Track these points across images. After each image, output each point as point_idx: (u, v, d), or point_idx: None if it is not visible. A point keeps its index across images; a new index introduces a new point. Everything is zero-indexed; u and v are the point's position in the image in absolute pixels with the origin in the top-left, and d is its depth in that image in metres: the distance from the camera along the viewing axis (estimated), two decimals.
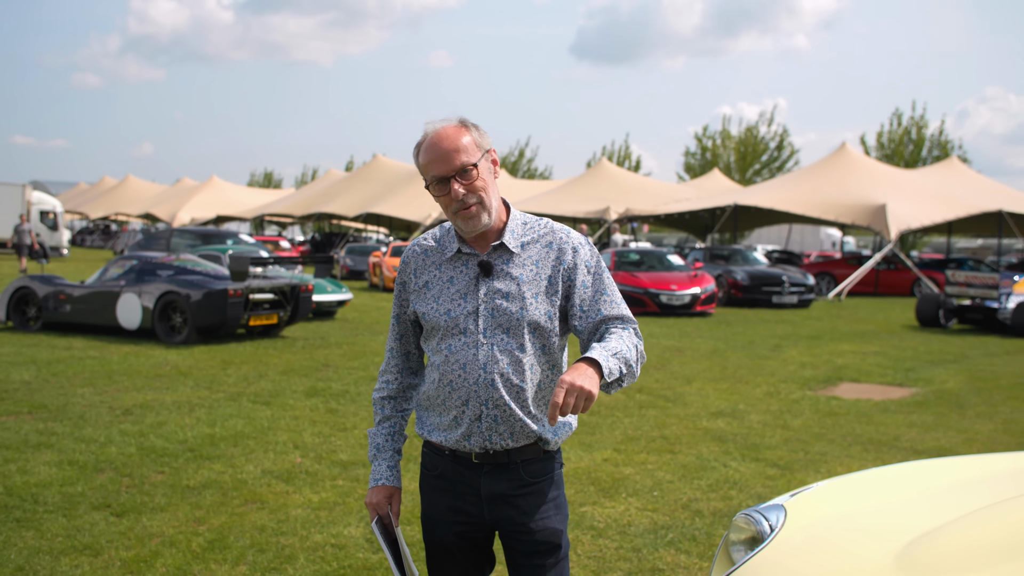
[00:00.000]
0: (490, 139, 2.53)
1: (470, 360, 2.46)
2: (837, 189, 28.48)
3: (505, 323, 2.46)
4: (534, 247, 2.54)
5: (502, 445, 2.49)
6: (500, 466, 2.52)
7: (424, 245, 2.61)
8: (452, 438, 2.51)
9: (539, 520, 2.54)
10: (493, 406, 2.46)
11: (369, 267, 27.48)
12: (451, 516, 2.57)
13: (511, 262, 2.51)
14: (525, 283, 2.49)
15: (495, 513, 2.54)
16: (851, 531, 2.64)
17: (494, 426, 2.47)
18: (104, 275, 13.83)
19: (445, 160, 2.42)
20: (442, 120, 2.49)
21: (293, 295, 13.62)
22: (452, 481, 2.56)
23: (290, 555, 4.69)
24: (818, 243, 56.60)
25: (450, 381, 2.48)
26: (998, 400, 9.58)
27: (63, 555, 4.63)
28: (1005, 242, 38.09)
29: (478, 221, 2.46)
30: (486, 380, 2.45)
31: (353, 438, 7.18)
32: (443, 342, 2.50)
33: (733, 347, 13.72)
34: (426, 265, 2.58)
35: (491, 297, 2.48)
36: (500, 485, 2.52)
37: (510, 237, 2.52)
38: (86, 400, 8.45)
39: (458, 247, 2.53)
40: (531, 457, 2.54)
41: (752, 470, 6.47)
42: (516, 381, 2.46)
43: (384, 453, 2.65)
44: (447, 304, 2.50)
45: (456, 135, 2.44)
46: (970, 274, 18.04)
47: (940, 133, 47.03)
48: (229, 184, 62.12)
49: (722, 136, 53.16)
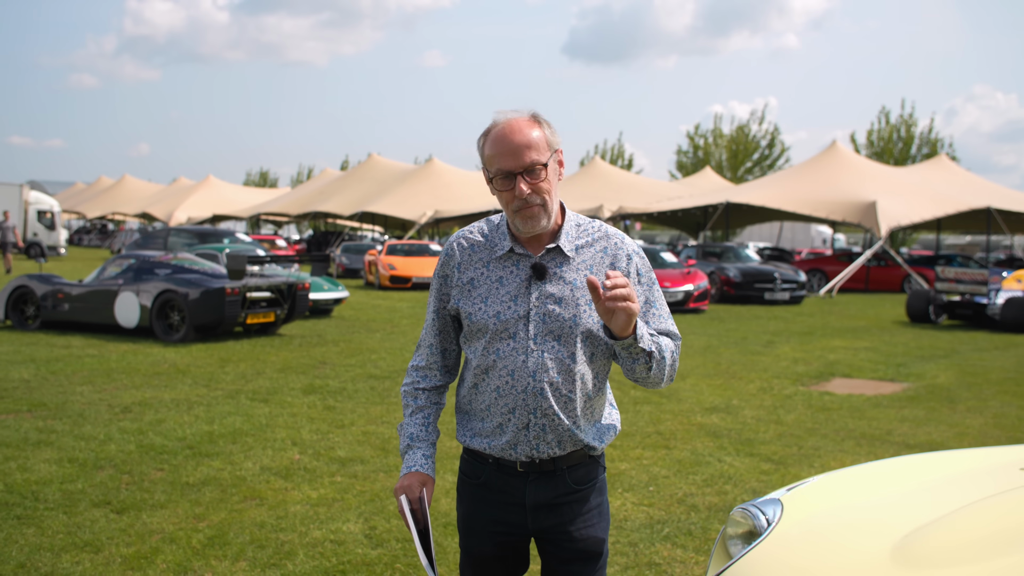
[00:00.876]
0: (560, 138, 2.41)
1: (519, 367, 2.34)
2: (828, 187, 28.59)
3: (557, 329, 2.35)
4: (588, 251, 2.42)
5: (549, 454, 2.39)
6: (546, 474, 2.42)
7: (471, 239, 2.47)
8: (496, 445, 2.40)
9: (582, 528, 2.45)
10: (541, 415, 2.34)
11: (365, 265, 27.48)
12: (492, 526, 2.47)
13: (565, 266, 2.39)
14: (579, 288, 2.37)
15: (539, 522, 2.44)
16: (847, 525, 2.67)
17: (541, 435, 2.36)
18: (102, 274, 13.84)
19: (515, 155, 2.29)
20: (514, 111, 2.36)
21: (290, 293, 13.64)
22: (496, 490, 2.45)
23: (289, 551, 4.73)
24: (809, 240, 56.71)
25: (496, 387, 2.36)
26: (988, 394, 9.66)
27: (64, 552, 4.66)
28: (993, 238, 38.28)
29: (537, 223, 2.34)
30: (535, 389, 2.33)
31: (351, 435, 7.22)
32: (490, 345, 2.37)
33: (726, 343, 13.78)
34: (472, 261, 2.44)
35: (543, 302, 2.35)
36: (546, 493, 2.42)
37: (565, 240, 2.40)
38: (85, 398, 8.48)
39: (511, 246, 2.40)
40: (577, 463, 2.44)
41: (746, 465, 6.53)
42: (565, 391, 2.35)
43: (419, 443, 2.49)
44: (496, 306, 2.37)
45: (528, 130, 2.32)
46: (959, 270, 18.13)
47: (929, 131, 47.19)
48: (225, 183, 62.00)
49: (714, 134, 53.22)
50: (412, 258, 25.94)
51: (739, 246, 27.84)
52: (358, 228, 50.10)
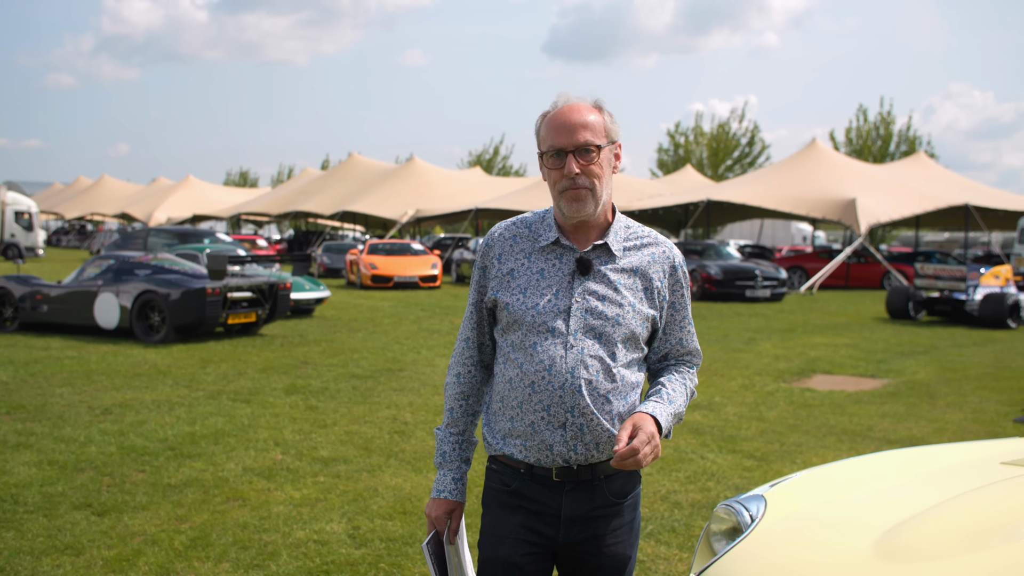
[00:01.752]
0: (620, 131, 2.36)
1: (557, 362, 2.26)
2: (808, 184, 28.75)
3: (599, 327, 2.28)
4: (636, 254, 2.37)
5: (586, 457, 2.29)
6: (583, 484, 2.32)
7: (513, 230, 2.40)
8: (530, 447, 2.30)
9: (612, 544, 2.37)
10: (579, 414, 2.26)
11: (346, 265, 27.42)
12: (523, 535, 2.34)
13: (611, 264, 2.33)
14: (624, 288, 2.32)
15: (571, 535, 2.35)
16: (830, 520, 2.68)
17: (579, 436, 2.27)
18: (81, 275, 13.74)
19: (569, 132, 2.25)
20: (576, 96, 2.32)
21: (271, 293, 13.59)
22: (529, 499, 2.34)
23: (273, 552, 4.71)
24: (789, 238, 56.93)
25: (532, 383, 2.27)
26: (967, 390, 9.74)
27: (44, 555, 4.62)
28: (971, 235, 38.61)
29: (583, 207, 2.27)
30: (572, 386, 2.25)
31: (333, 435, 7.20)
32: (527, 339, 2.29)
33: (708, 340, 13.83)
34: (513, 252, 2.37)
35: (586, 298, 2.29)
36: (583, 506, 2.33)
37: (614, 239, 2.34)
38: (65, 400, 8.41)
39: (556, 237, 2.33)
40: (615, 472, 2.35)
41: (729, 461, 6.56)
42: (604, 391, 2.27)
43: (451, 463, 2.42)
44: (536, 298, 2.30)
45: (587, 112, 2.28)
46: (938, 267, 18.29)
47: (907, 128, 47.57)
48: (205, 183, 61.76)
49: (694, 132, 53.35)
50: (394, 257, 25.90)
51: (720, 244, 27.96)
52: (339, 227, 50.00)
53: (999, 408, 8.75)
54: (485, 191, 40.38)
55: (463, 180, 44.29)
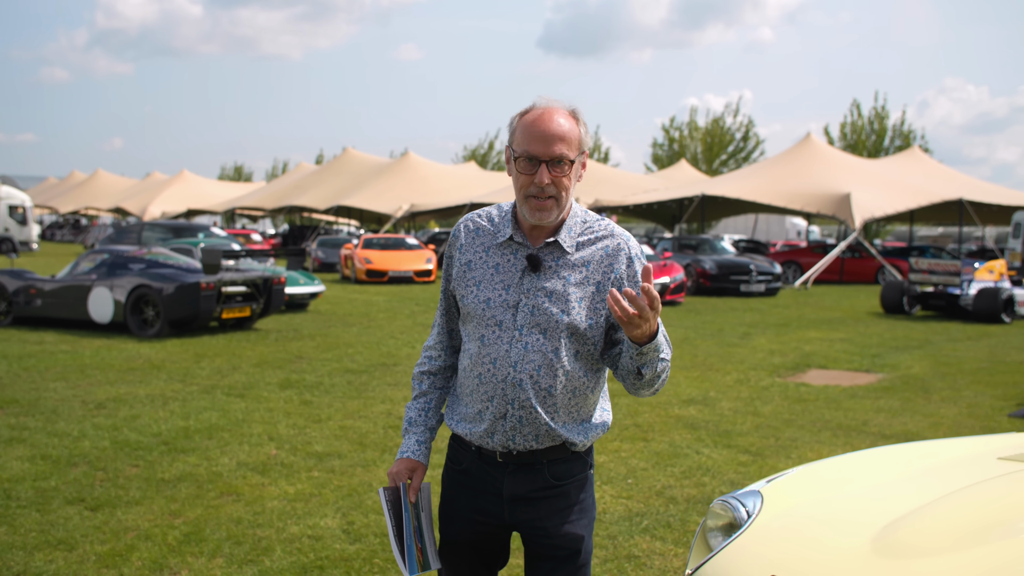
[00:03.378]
0: (591, 141, 2.45)
1: (501, 355, 2.34)
2: (802, 179, 28.78)
3: (544, 323, 2.33)
4: (589, 249, 2.40)
5: (525, 446, 2.38)
6: (525, 466, 2.41)
7: (478, 223, 2.48)
8: (476, 432, 2.41)
9: (560, 525, 2.42)
10: (519, 407, 2.34)
11: (341, 259, 27.38)
12: (470, 514, 2.48)
13: (562, 261, 2.37)
14: (572, 285, 2.35)
15: (516, 515, 2.43)
16: (827, 516, 2.68)
17: (518, 427, 2.35)
18: (75, 269, 13.68)
19: (545, 142, 2.28)
20: (555, 100, 2.35)
21: (265, 288, 13.55)
22: (475, 478, 2.46)
23: (267, 547, 4.69)
24: (784, 232, 57.00)
25: (479, 373, 2.37)
26: (962, 384, 9.76)
27: (37, 550, 4.60)
28: (965, 230, 38.65)
29: (547, 215, 2.33)
30: (514, 379, 2.33)
31: (328, 429, 7.18)
32: (478, 331, 2.39)
33: (703, 335, 13.84)
34: (474, 244, 2.45)
35: (534, 294, 2.35)
36: (523, 486, 2.41)
37: (566, 235, 2.38)
38: (58, 394, 8.38)
39: (511, 234, 2.39)
40: (557, 457, 2.42)
41: (724, 457, 6.56)
42: (545, 384, 2.34)
43: (415, 427, 2.53)
44: (487, 292, 2.38)
45: (566, 123, 2.31)
46: (932, 261, 18.33)
47: (902, 123, 47.61)
48: (200, 178, 61.59)
49: (689, 127, 53.40)
50: (388, 252, 25.86)
51: (715, 238, 27.98)
52: (334, 222, 49.91)
53: (994, 403, 8.77)
54: (479, 186, 40.34)
55: (458, 175, 44.21)
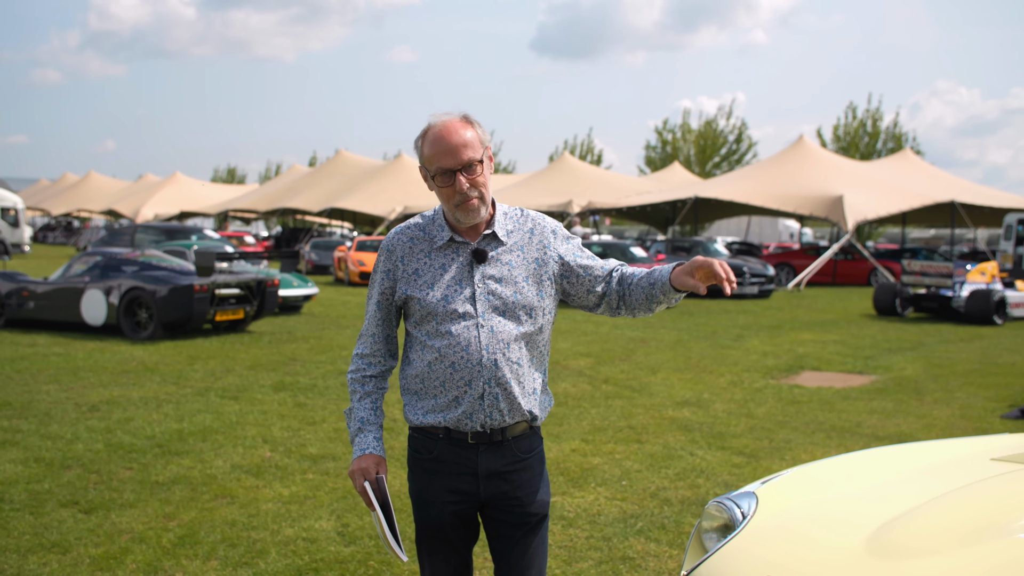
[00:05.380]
0: (489, 136, 2.66)
1: (472, 342, 2.56)
2: (795, 181, 28.82)
3: (500, 306, 2.59)
4: (517, 234, 2.68)
5: (500, 421, 2.60)
6: (495, 444, 2.63)
7: (409, 234, 2.70)
8: (452, 418, 2.59)
9: (531, 493, 2.68)
10: (496, 384, 2.56)
11: (334, 262, 27.36)
12: (446, 496, 2.65)
13: (501, 248, 2.64)
14: (516, 267, 2.63)
15: (490, 489, 2.65)
16: (822, 517, 2.69)
17: (495, 403, 2.57)
18: (68, 271, 13.64)
19: (453, 154, 2.52)
20: (446, 113, 2.59)
21: (259, 290, 13.54)
22: (447, 462, 2.64)
23: (261, 549, 4.69)
24: (776, 234, 57.07)
25: (452, 363, 2.57)
26: (955, 386, 9.79)
27: (30, 553, 4.59)
28: (957, 232, 38.79)
29: (477, 214, 2.59)
30: (489, 360, 2.55)
31: (322, 432, 7.18)
32: (442, 326, 2.59)
33: (696, 337, 13.86)
34: (414, 253, 2.66)
35: (486, 282, 2.60)
36: (496, 462, 2.63)
37: (499, 227, 2.65)
38: (51, 397, 8.36)
39: (450, 236, 2.63)
40: (520, 433, 2.67)
41: (718, 458, 6.57)
42: (515, 358, 2.59)
43: (370, 425, 2.70)
44: (443, 291, 2.59)
45: (463, 130, 2.56)
46: (925, 263, 18.38)
47: (894, 125, 47.74)
48: (192, 180, 61.38)
49: (682, 129, 53.43)
50: None
51: (708, 240, 28.03)
52: (327, 224, 49.82)
53: (986, 404, 8.80)
54: None
55: None
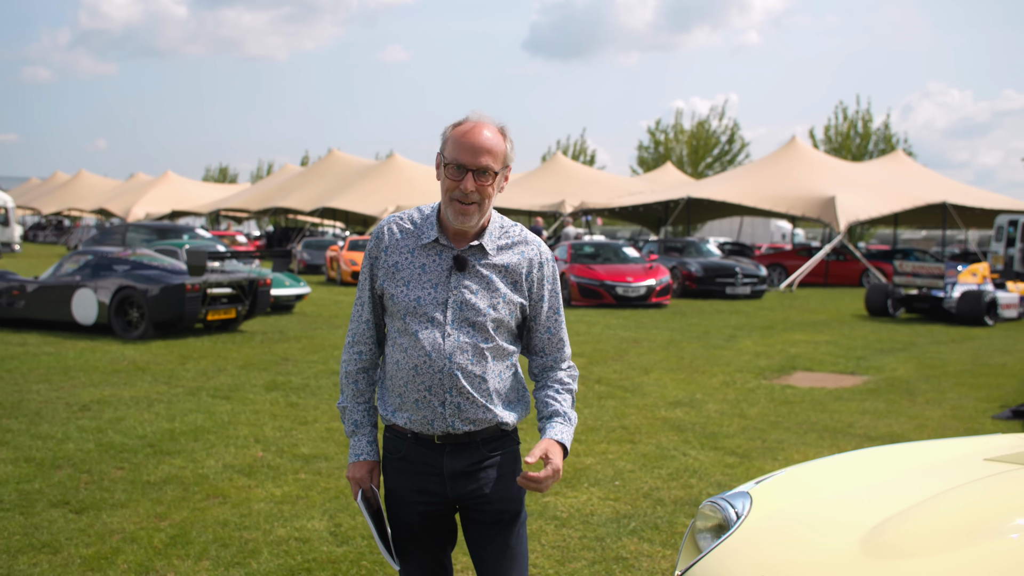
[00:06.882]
0: (515, 157, 2.66)
1: (436, 348, 2.54)
2: (787, 182, 28.87)
3: (472, 317, 2.57)
4: (508, 252, 2.65)
5: (463, 430, 2.60)
6: (461, 445, 2.63)
7: (401, 225, 2.67)
8: (416, 420, 2.60)
9: (500, 490, 2.67)
10: (456, 394, 2.56)
11: (326, 261, 27.30)
12: (415, 496, 2.66)
13: (485, 262, 2.61)
14: (496, 283, 2.60)
15: (458, 489, 2.64)
16: (816, 517, 2.69)
17: (457, 412, 2.57)
18: (59, 270, 13.59)
19: (474, 153, 2.51)
20: (487, 116, 2.59)
21: (251, 289, 13.50)
22: (415, 462, 2.64)
23: (253, 549, 4.68)
24: (769, 235, 57.16)
25: (415, 366, 2.56)
26: (946, 386, 9.81)
27: (21, 553, 4.57)
28: (948, 233, 38.88)
29: (469, 220, 2.56)
30: (450, 369, 2.54)
31: (314, 431, 7.16)
32: (410, 326, 2.58)
33: (689, 338, 13.87)
34: (399, 247, 2.64)
35: (461, 291, 2.57)
36: (461, 462, 2.62)
37: (488, 239, 2.62)
38: (42, 396, 8.32)
39: (436, 236, 2.60)
40: (490, 436, 2.66)
41: (711, 458, 6.57)
42: (479, 372, 2.57)
43: (363, 428, 2.72)
44: (417, 291, 2.58)
45: (495, 137, 2.55)
46: (917, 264, 18.41)
47: (886, 127, 47.92)
48: (184, 179, 61.25)
49: (675, 130, 53.51)
50: None
51: (700, 241, 28.02)
52: (319, 224, 49.76)
53: (978, 404, 8.82)
54: None
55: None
